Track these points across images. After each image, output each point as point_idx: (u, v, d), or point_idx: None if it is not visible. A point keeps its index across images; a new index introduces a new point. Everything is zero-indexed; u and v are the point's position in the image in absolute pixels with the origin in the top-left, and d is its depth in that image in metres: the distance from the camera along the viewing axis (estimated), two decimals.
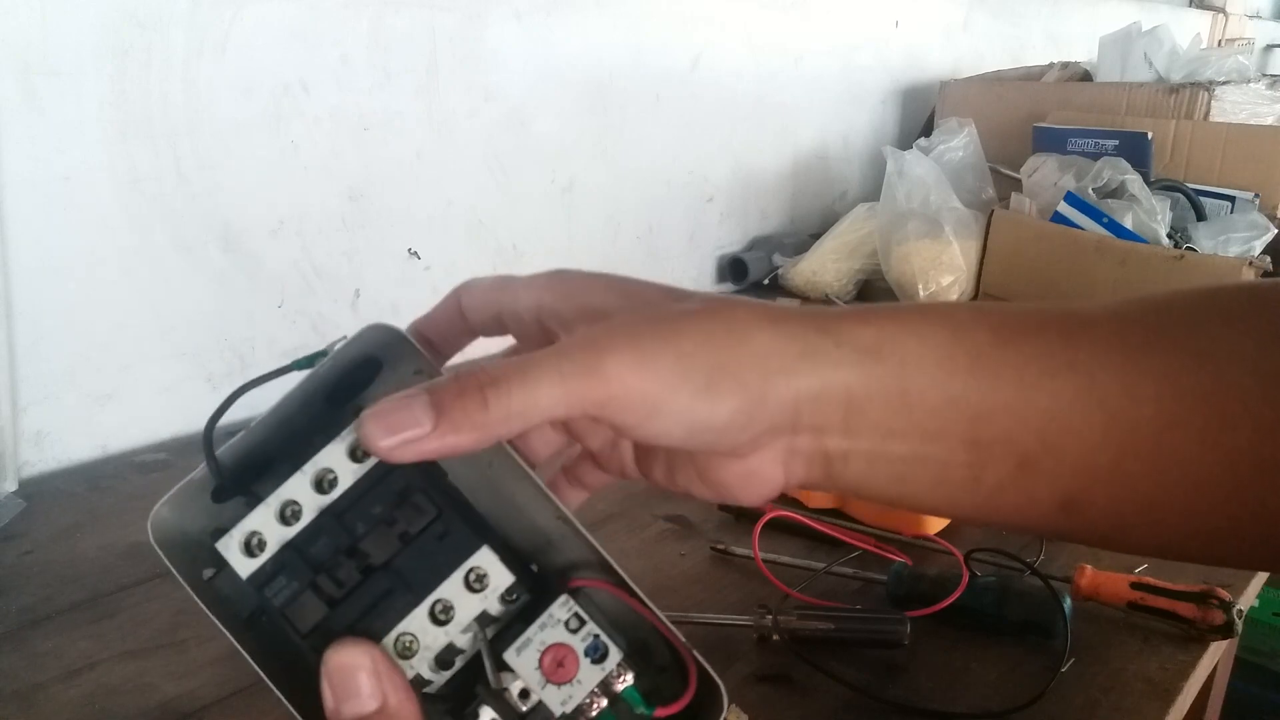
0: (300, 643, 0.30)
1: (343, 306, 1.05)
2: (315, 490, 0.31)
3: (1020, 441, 0.31)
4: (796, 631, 0.60)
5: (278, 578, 0.30)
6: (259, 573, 0.30)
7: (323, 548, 0.31)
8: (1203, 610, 0.62)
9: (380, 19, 1.02)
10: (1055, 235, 1.33)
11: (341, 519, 0.31)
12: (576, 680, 0.30)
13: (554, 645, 0.30)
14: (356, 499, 0.31)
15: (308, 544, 0.30)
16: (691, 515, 0.77)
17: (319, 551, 0.30)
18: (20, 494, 0.80)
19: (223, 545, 0.30)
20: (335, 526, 0.31)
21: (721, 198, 1.53)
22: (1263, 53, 3.29)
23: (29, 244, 0.81)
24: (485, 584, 0.31)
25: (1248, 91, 1.60)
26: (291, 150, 0.97)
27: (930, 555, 0.72)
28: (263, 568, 0.30)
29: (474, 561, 0.31)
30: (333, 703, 0.29)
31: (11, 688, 0.57)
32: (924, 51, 1.92)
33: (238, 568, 0.30)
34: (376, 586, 0.30)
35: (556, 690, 0.30)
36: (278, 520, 0.30)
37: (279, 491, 0.31)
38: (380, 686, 0.29)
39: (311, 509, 0.31)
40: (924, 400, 0.31)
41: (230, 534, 0.30)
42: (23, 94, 0.79)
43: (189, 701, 0.56)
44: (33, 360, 0.83)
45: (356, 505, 0.31)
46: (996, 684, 0.59)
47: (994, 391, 0.31)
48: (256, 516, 0.30)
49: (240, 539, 0.30)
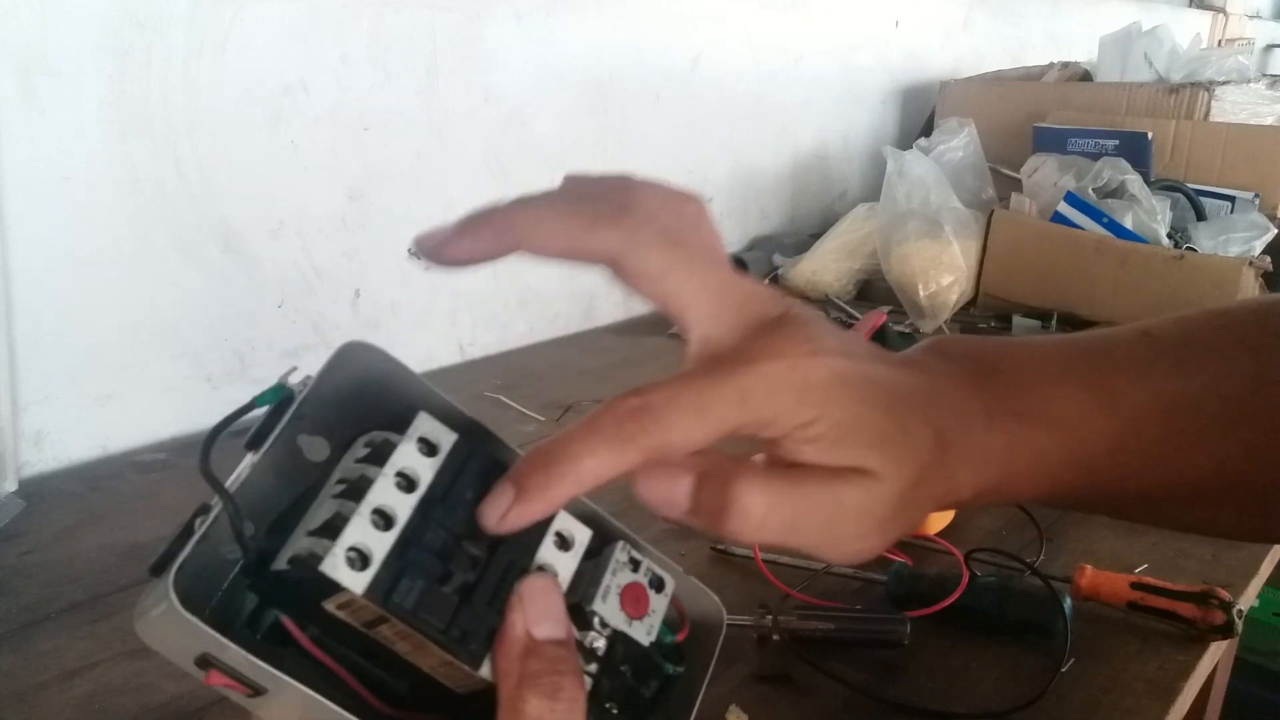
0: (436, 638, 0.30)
1: (343, 306, 1.05)
2: (401, 491, 0.31)
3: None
4: (796, 631, 0.60)
5: (401, 581, 0.29)
6: (376, 583, 0.29)
7: (434, 540, 0.30)
8: (1203, 610, 0.62)
9: (380, 19, 1.02)
10: (1055, 235, 1.33)
11: (440, 510, 0.31)
12: (651, 610, 0.34)
13: (629, 585, 0.34)
14: (447, 489, 0.31)
15: (419, 541, 0.30)
16: None
17: (433, 545, 0.30)
18: (20, 494, 0.80)
19: (328, 567, 0.28)
20: (440, 518, 0.31)
21: (721, 198, 1.53)
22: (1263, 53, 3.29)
23: (29, 244, 0.81)
24: (572, 542, 0.33)
25: (1248, 91, 1.60)
26: (291, 150, 0.97)
27: (930, 555, 0.72)
28: (378, 577, 0.29)
29: (559, 524, 0.33)
30: (522, 626, 0.30)
31: (11, 688, 0.57)
32: (924, 51, 1.92)
33: (350, 584, 0.28)
34: (497, 564, 0.31)
35: (640, 624, 0.33)
36: (374, 528, 0.30)
37: (367, 500, 0.30)
38: (567, 619, 0.31)
39: (406, 508, 0.30)
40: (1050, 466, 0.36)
41: (332, 553, 0.29)
42: (23, 94, 0.79)
43: (189, 701, 0.56)
44: (33, 360, 0.83)
45: (449, 494, 0.31)
46: (996, 684, 0.59)
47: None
48: (353, 530, 0.29)
49: (343, 556, 0.29)
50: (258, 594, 0.31)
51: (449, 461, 0.32)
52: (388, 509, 0.30)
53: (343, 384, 0.34)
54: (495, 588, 0.31)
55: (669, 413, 0.29)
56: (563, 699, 0.29)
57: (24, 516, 0.77)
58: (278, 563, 0.30)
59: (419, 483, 0.31)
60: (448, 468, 0.32)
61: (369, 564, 0.29)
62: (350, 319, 1.05)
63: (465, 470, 0.32)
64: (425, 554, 0.30)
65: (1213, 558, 0.74)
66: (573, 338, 1.31)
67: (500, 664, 0.30)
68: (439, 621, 0.30)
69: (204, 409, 0.95)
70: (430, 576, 0.30)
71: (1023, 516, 0.76)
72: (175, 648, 0.30)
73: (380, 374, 0.35)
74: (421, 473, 0.31)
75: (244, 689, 0.30)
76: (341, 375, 0.34)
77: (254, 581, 0.31)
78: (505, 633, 0.30)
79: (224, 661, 0.29)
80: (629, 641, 0.33)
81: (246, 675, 0.29)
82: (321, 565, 0.28)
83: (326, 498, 0.31)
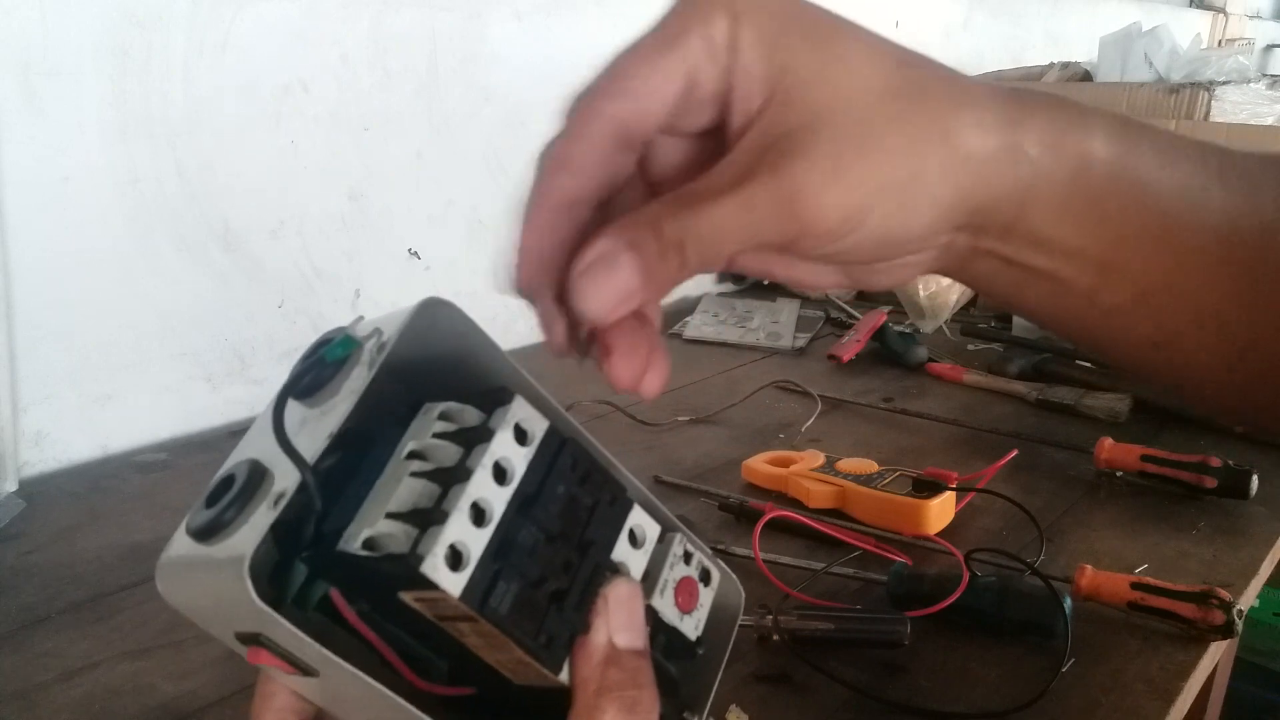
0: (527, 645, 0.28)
1: (343, 306, 1.05)
2: (496, 483, 0.29)
3: (1146, 275, 0.32)
4: (796, 631, 0.60)
5: (498, 584, 0.28)
6: (473, 585, 0.27)
7: (526, 540, 0.29)
8: (1203, 610, 0.62)
9: (380, 19, 1.02)
10: None
11: (534, 507, 0.29)
12: (700, 605, 0.34)
13: (683, 580, 0.33)
14: (540, 483, 0.30)
15: (513, 541, 0.28)
16: (691, 515, 0.77)
17: (526, 545, 0.29)
18: (20, 494, 0.80)
19: (429, 568, 0.26)
20: (533, 515, 0.29)
21: None
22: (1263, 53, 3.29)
23: (29, 244, 0.81)
24: (644, 539, 0.32)
25: (1248, 91, 1.59)
26: (291, 150, 0.97)
27: (930, 555, 0.72)
28: (474, 579, 0.27)
29: (633, 520, 0.32)
30: (606, 633, 0.30)
31: (11, 688, 0.57)
32: (924, 51, 1.91)
33: (449, 587, 0.27)
34: (586, 566, 0.30)
35: (690, 618, 0.33)
36: (472, 524, 0.28)
37: (466, 493, 0.28)
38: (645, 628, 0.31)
39: (500, 503, 0.28)
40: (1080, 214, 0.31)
41: (432, 554, 0.27)
42: (23, 94, 0.79)
43: (189, 701, 0.56)
44: (33, 360, 0.83)
45: (542, 489, 0.29)
46: (996, 684, 0.59)
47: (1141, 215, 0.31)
48: (454, 527, 0.27)
49: (443, 556, 0.27)
50: (311, 567, 0.29)
51: (540, 452, 0.30)
52: (483, 503, 0.28)
53: (414, 343, 0.31)
54: (583, 592, 0.30)
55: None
56: (639, 714, 0.29)
57: (24, 516, 0.77)
58: (348, 543, 0.28)
59: (512, 475, 0.29)
60: (540, 459, 0.30)
61: (464, 564, 0.27)
62: (350, 319, 1.05)
63: (558, 463, 0.30)
64: (520, 555, 0.28)
65: (1213, 558, 0.74)
66: None
67: (581, 670, 0.29)
68: (531, 627, 0.28)
69: (204, 409, 0.95)
70: (525, 580, 0.28)
71: (1022, 516, 0.76)
72: (214, 618, 0.29)
73: (453, 337, 0.32)
74: (515, 464, 0.29)
75: (290, 668, 0.28)
76: (413, 333, 0.31)
77: (312, 555, 0.29)
78: (589, 639, 0.29)
79: (275, 641, 0.28)
80: (675, 633, 0.33)
81: (298, 656, 0.28)
82: (422, 566, 0.26)
83: (402, 475, 0.29)
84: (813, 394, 1.05)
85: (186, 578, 0.28)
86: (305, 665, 0.28)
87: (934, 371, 1.15)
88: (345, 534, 0.28)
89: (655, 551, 0.33)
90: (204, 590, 0.28)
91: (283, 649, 0.28)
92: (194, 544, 0.28)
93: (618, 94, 0.28)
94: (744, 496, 0.79)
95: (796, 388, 1.08)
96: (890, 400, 1.06)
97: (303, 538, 0.28)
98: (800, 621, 0.60)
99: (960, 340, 1.29)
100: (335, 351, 0.30)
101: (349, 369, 0.30)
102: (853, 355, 1.18)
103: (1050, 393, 1.04)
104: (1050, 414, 1.03)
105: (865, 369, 1.17)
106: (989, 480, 0.82)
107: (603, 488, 0.31)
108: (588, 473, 0.31)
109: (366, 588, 0.29)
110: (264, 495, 0.28)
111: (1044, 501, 0.81)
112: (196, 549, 0.28)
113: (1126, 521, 0.79)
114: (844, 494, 0.79)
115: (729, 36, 0.28)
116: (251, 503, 0.28)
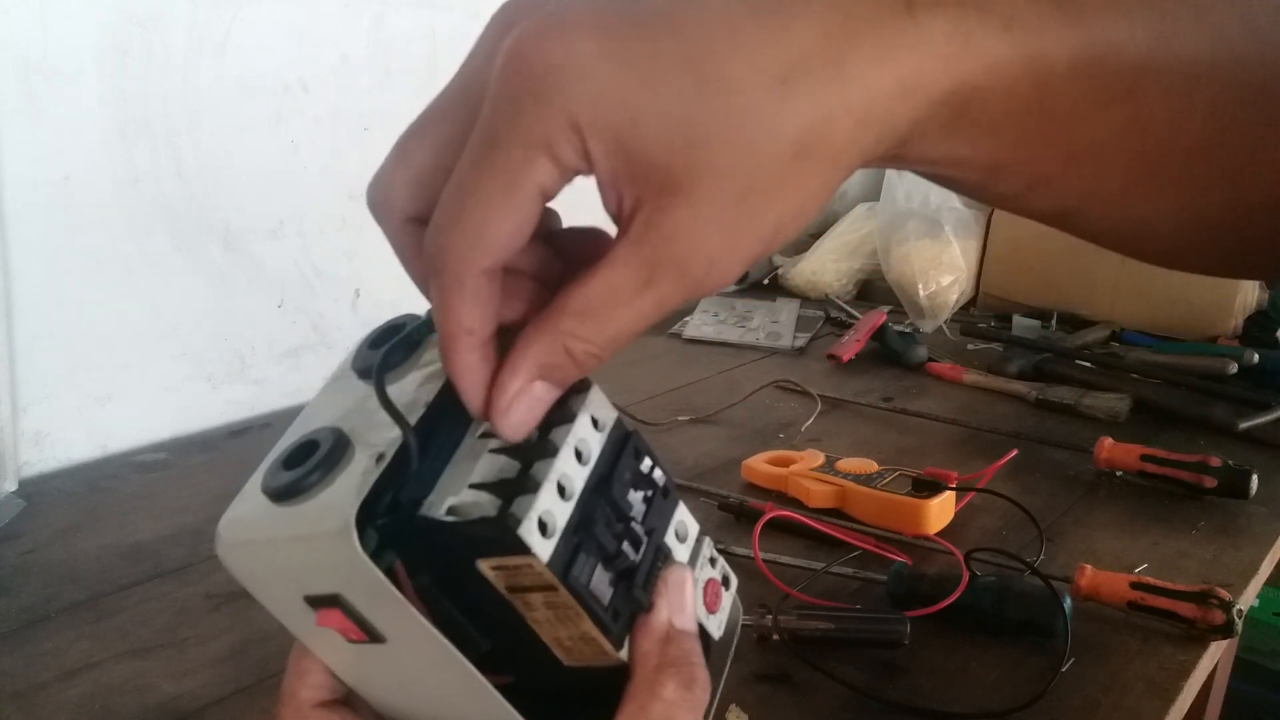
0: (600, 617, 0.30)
1: (343, 306, 1.05)
2: (577, 462, 0.31)
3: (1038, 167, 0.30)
4: (796, 631, 0.60)
5: (578, 557, 0.29)
6: (558, 553, 0.29)
7: (602, 519, 0.30)
8: (1203, 610, 0.62)
9: (380, 19, 1.02)
10: (1055, 235, 1.32)
11: (607, 489, 0.31)
12: (722, 607, 0.35)
13: (710, 581, 0.35)
14: (611, 467, 0.32)
15: (591, 517, 0.30)
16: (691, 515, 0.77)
17: (602, 524, 0.30)
18: (20, 494, 0.80)
19: (524, 531, 0.28)
20: (607, 495, 0.31)
21: None
22: None
23: (29, 244, 0.81)
24: (688, 535, 0.34)
25: None
26: (291, 150, 0.97)
27: (930, 555, 0.72)
28: (559, 548, 0.29)
29: (679, 515, 0.34)
30: (666, 613, 0.31)
31: (11, 688, 0.57)
32: None
33: (539, 551, 0.28)
34: (650, 547, 0.32)
35: (714, 619, 0.34)
36: (559, 497, 0.29)
37: (555, 467, 0.30)
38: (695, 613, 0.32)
39: (580, 481, 0.30)
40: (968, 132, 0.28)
41: (528, 518, 0.28)
42: (23, 94, 0.79)
43: (189, 701, 0.56)
44: (33, 360, 0.83)
45: (613, 473, 0.31)
46: (996, 684, 0.59)
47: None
48: (545, 497, 0.29)
49: (535, 522, 0.28)
50: (383, 536, 0.30)
51: (611, 438, 0.32)
52: (565, 480, 0.30)
53: None
54: (648, 572, 0.32)
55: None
56: (696, 690, 0.31)
57: (24, 516, 0.77)
58: (432, 509, 0.29)
59: (589, 457, 0.31)
60: (611, 445, 0.32)
61: (551, 533, 0.29)
62: (350, 319, 1.05)
63: (625, 449, 0.32)
64: (600, 530, 0.30)
65: (1213, 558, 0.74)
66: None
67: (642, 646, 0.31)
68: (604, 600, 0.30)
69: (204, 409, 0.95)
70: (603, 554, 0.30)
71: (1022, 516, 0.76)
72: (282, 581, 0.29)
73: None
74: (593, 446, 0.31)
75: (359, 634, 0.29)
76: None
77: (387, 523, 0.29)
78: (651, 618, 0.31)
79: (353, 604, 0.28)
80: (701, 631, 0.34)
81: (372, 621, 0.29)
82: (520, 529, 0.28)
83: (480, 451, 0.31)
84: (812, 394, 1.05)
85: (259, 538, 0.29)
86: (377, 631, 0.29)
87: (934, 371, 1.15)
88: (427, 502, 0.29)
89: (693, 549, 0.35)
90: (278, 551, 0.29)
91: (359, 612, 0.29)
92: (272, 505, 0.29)
93: (478, 249, 0.27)
94: (744, 496, 0.79)
95: (796, 387, 1.08)
96: (890, 400, 1.06)
97: (378, 507, 0.29)
98: (800, 621, 0.61)
99: (960, 340, 1.29)
100: (422, 331, 0.32)
101: (420, 352, 0.32)
102: (852, 355, 1.18)
103: (1050, 392, 1.04)
104: (1050, 414, 1.03)
105: (865, 369, 1.17)
106: (989, 480, 0.82)
107: (657, 480, 0.33)
108: (650, 465, 0.33)
109: (438, 559, 0.30)
110: (349, 460, 0.29)
111: (1044, 501, 0.81)
112: (275, 510, 0.29)
113: (1126, 521, 0.79)
114: (844, 494, 0.79)
115: (579, 154, 0.25)
116: (338, 467, 0.29)
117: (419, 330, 0.32)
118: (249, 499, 0.30)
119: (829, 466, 0.81)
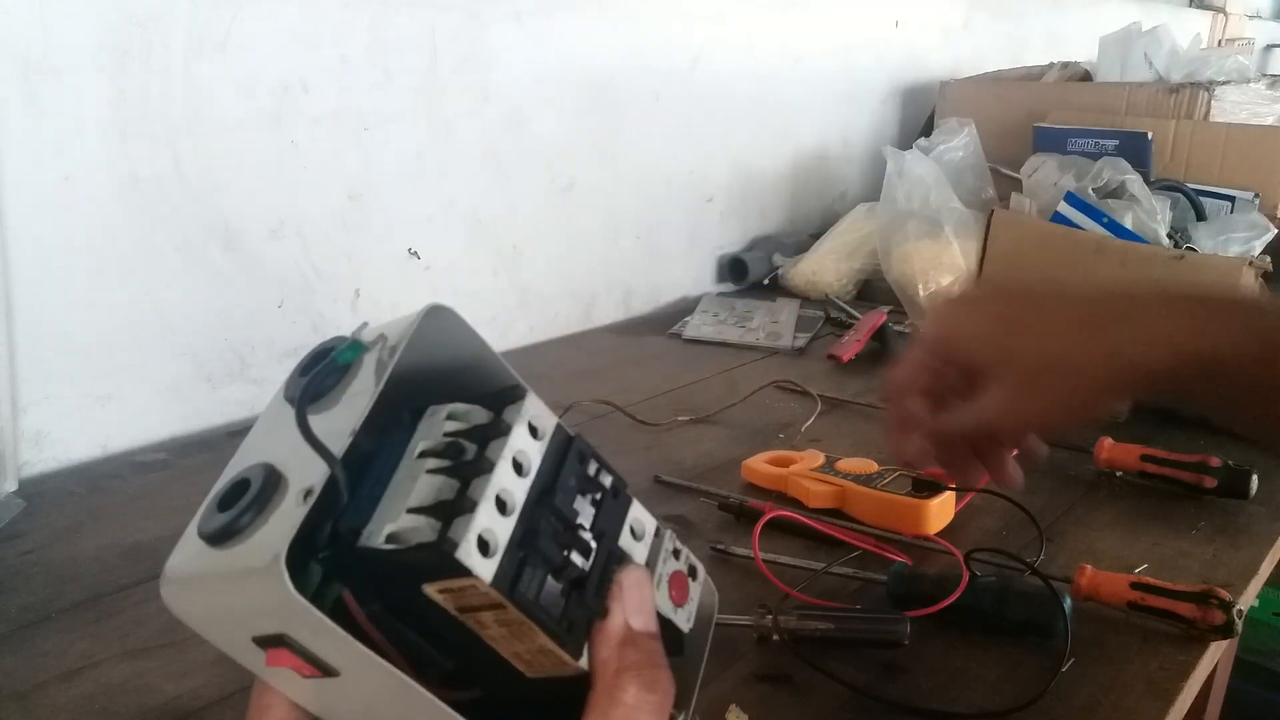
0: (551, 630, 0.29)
1: (343, 306, 1.05)
2: (516, 475, 0.30)
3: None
4: (796, 631, 0.60)
5: (524, 570, 0.28)
6: (502, 572, 0.28)
7: (547, 528, 0.30)
8: (1203, 610, 0.62)
9: (380, 19, 1.02)
10: (1055, 235, 1.33)
11: (551, 499, 0.30)
12: (690, 598, 0.35)
13: (675, 574, 0.34)
14: (554, 476, 0.31)
15: (535, 529, 0.29)
16: (691, 515, 0.77)
17: (547, 535, 0.30)
18: (20, 494, 0.80)
19: (463, 554, 0.27)
20: (551, 505, 0.30)
21: (721, 197, 1.53)
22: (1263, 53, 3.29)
23: (29, 244, 0.81)
24: (644, 532, 0.34)
25: (1248, 91, 1.59)
26: (291, 150, 0.97)
27: (930, 555, 0.72)
28: (503, 566, 0.28)
29: (633, 514, 0.33)
30: (623, 616, 0.31)
31: (11, 688, 0.57)
32: (924, 51, 1.92)
33: (481, 573, 0.27)
34: (601, 553, 0.31)
35: (682, 611, 0.34)
36: (498, 514, 0.29)
37: (491, 484, 0.29)
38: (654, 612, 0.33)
39: (520, 493, 0.30)
40: None
41: (465, 540, 0.27)
42: (23, 94, 0.79)
43: (189, 701, 0.56)
44: (33, 360, 0.83)
45: (557, 482, 0.31)
46: (996, 684, 0.59)
47: None
48: (484, 515, 0.28)
49: (474, 543, 0.27)
50: (327, 568, 0.29)
51: (552, 446, 0.31)
52: (505, 494, 0.29)
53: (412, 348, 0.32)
54: (600, 578, 0.31)
55: None
56: (658, 691, 0.31)
57: (24, 516, 0.77)
58: (370, 539, 0.28)
59: (529, 468, 0.30)
60: (553, 453, 0.31)
61: (492, 551, 0.28)
62: (350, 319, 1.05)
63: (569, 455, 0.32)
64: (545, 542, 0.29)
65: (1213, 558, 0.74)
66: (572, 338, 1.31)
67: (600, 652, 0.31)
68: (555, 612, 0.29)
69: (204, 409, 0.95)
70: (549, 566, 0.29)
71: (1022, 516, 0.76)
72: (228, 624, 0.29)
73: (451, 342, 0.33)
74: (532, 457, 0.30)
75: (311, 670, 0.29)
76: (415, 339, 0.32)
77: (329, 556, 0.29)
78: (607, 623, 0.31)
79: (299, 642, 0.28)
80: (669, 625, 0.33)
81: (322, 656, 0.28)
82: (457, 552, 0.27)
83: (418, 472, 0.30)
84: (812, 394, 1.05)
85: (199, 584, 0.29)
86: (328, 665, 0.28)
87: None
88: (365, 531, 0.29)
89: (651, 545, 0.34)
90: (219, 595, 0.28)
91: (307, 649, 0.28)
92: (209, 548, 0.28)
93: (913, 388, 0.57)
94: (744, 496, 0.79)
95: (796, 387, 1.08)
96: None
97: (318, 540, 0.29)
98: (800, 621, 0.60)
99: None
100: (346, 355, 0.31)
101: (353, 374, 0.31)
102: (853, 355, 1.18)
103: None
104: None
105: (865, 369, 1.17)
106: (988, 480, 0.81)
107: (604, 483, 0.33)
108: (595, 468, 0.32)
109: (384, 586, 0.29)
110: (281, 496, 0.28)
111: (1044, 501, 0.81)
112: (212, 553, 0.28)
113: (1126, 521, 0.79)
114: (844, 494, 0.79)
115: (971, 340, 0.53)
116: (270, 504, 0.28)
117: (345, 353, 0.31)
118: (189, 543, 0.29)
119: (829, 467, 0.81)
